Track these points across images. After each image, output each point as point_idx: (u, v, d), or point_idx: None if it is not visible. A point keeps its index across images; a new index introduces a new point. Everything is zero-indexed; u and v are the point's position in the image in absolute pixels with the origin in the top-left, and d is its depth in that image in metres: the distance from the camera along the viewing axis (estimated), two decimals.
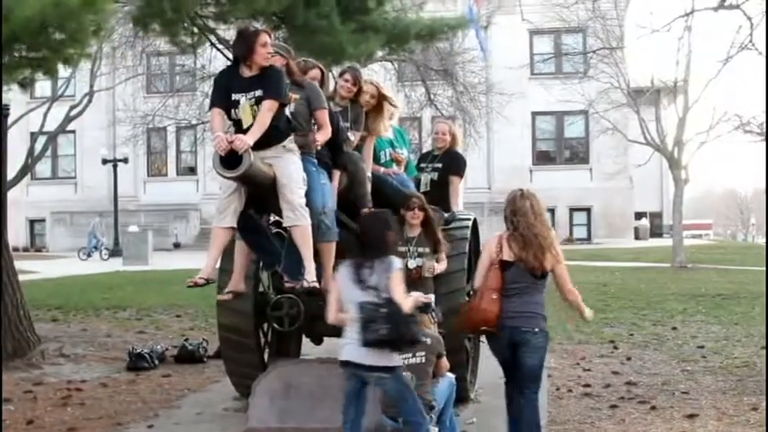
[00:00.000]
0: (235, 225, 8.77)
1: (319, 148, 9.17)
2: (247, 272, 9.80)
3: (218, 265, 9.11)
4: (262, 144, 8.29)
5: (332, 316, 7.93)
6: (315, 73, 10.04)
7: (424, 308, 8.94)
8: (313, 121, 9.27)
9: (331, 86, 10.41)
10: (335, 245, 9.29)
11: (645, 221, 60.14)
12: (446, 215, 11.05)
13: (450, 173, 11.77)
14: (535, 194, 8.46)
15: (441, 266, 10.18)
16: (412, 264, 10.02)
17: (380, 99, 10.59)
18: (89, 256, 46.85)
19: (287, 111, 8.87)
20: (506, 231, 8.34)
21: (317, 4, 16.00)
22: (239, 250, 9.43)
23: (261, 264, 10.19)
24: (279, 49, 9.19)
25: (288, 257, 9.23)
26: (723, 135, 36.86)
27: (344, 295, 7.77)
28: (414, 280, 9.85)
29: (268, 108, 8.36)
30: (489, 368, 11.96)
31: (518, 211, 8.28)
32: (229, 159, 8.04)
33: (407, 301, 7.65)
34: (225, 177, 8.30)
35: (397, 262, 7.82)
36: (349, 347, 7.58)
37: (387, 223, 8.09)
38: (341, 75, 10.51)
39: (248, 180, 8.43)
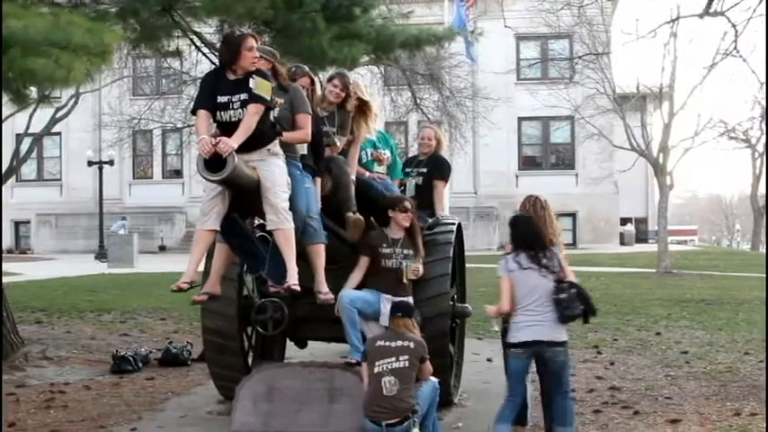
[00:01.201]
0: (218, 228, 8.76)
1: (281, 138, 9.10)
2: (224, 274, 9.81)
3: (201, 268, 9.09)
4: (246, 147, 8.28)
5: (507, 305, 8.64)
6: (304, 81, 10.06)
7: (407, 311, 8.97)
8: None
9: (316, 89, 10.38)
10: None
11: (630, 227, 60.26)
12: (429, 220, 11.06)
13: (435, 177, 11.79)
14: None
15: (420, 263, 10.23)
16: (398, 265, 10.08)
17: (362, 103, 10.62)
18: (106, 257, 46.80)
19: (272, 115, 8.87)
20: None
21: (300, 7, 15.95)
22: (218, 253, 9.42)
23: (245, 267, 10.20)
24: (264, 53, 9.19)
25: (272, 262, 9.23)
26: (708, 141, 37.02)
27: (522, 283, 8.61)
28: (398, 280, 9.94)
29: (254, 112, 8.36)
30: (473, 373, 12.02)
31: None
32: (214, 162, 8.03)
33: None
34: (209, 180, 8.29)
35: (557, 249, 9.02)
36: (534, 328, 8.55)
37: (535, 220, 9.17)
38: (329, 80, 10.53)
39: (232, 183, 8.42)
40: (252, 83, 8.44)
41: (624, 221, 59.27)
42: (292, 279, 8.83)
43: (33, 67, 11.13)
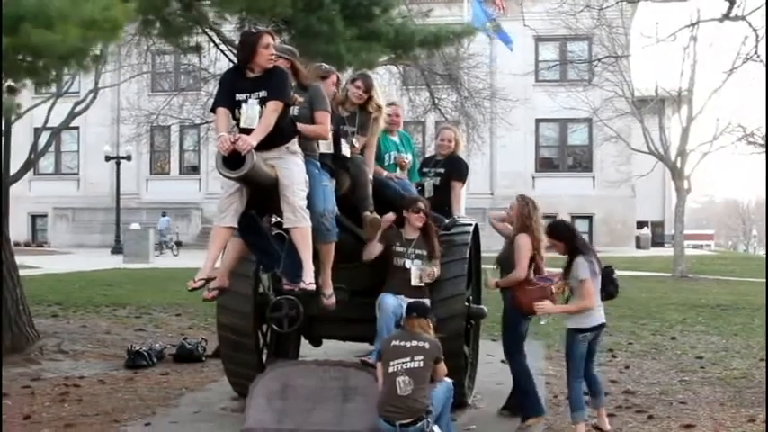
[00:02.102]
0: (235, 225, 8.77)
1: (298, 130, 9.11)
2: (241, 271, 9.83)
3: (217, 265, 9.10)
4: (265, 145, 8.28)
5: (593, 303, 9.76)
6: (332, 79, 10.08)
7: (422, 312, 8.98)
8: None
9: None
10: (334, 246, 9.34)
11: (646, 231, 60.12)
12: (446, 221, 11.05)
13: (453, 178, 11.75)
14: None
15: (436, 267, 10.28)
16: (409, 264, 10.16)
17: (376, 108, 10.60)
18: (161, 251, 47.32)
19: (291, 113, 8.87)
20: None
21: (320, 9, 15.96)
22: (231, 248, 9.42)
23: (260, 265, 10.22)
24: (282, 51, 9.18)
25: (287, 260, 9.23)
26: (726, 146, 36.86)
27: (596, 279, 9.85)
28: (409, 281, 9.98)
29: (273, 109, 8.36)
30: (487, 374, 12.00)
31: None
32: (232, 160, 8.03)
33: None
34: (227, 178, 8.29)
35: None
36: (600, 312, 9.87)
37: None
38: (352, 81, 10.51)
39: (250, 181, 8.43)
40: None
41: (641, 225, 59.12)
42: (308, 278, 8.83)
43: (43, 42, 11.19)
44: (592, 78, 41.62)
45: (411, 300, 9.59)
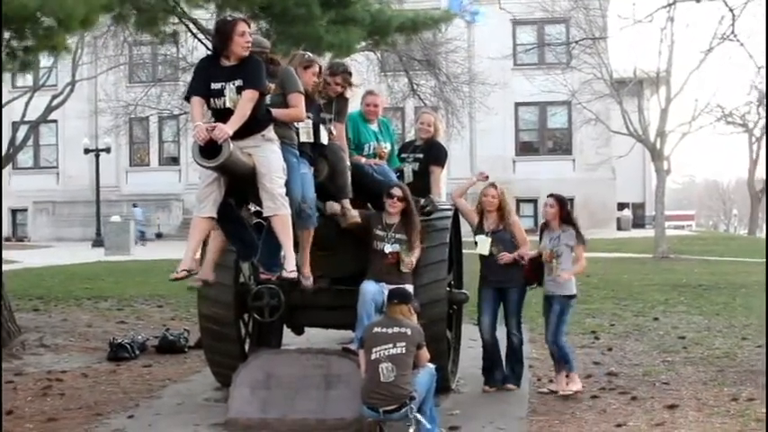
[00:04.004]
0: (214, 215, 8.75)
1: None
2: (220, 261, 9.82)
3: (197, 256, 9.07)
4: (241, 133, 8.26)
5: None
6: (316, 69, 10.00)
7: (403, 298, 8.97)
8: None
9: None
10: (314, 233, 9.36)
11: (627, 212, 60.21)
12: (422, 201, 11.03)
13: (432, 163, 11.74)
14: None
15: (415, 254, 10.30)
16: (388, 248, 10.24)
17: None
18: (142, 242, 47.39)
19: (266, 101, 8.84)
20: None
21: None
22: (213, 239, 9.42)
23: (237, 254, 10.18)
24: (255, 45, 9.03)
25: (264, 248, 9.23)
26: (705, 126, 36.95)
27: None
28: (389, 264, 10.01)
29: (249, 98, 8.34)
30: (470, 358, 12.01)
31: None
32: (209, 149, 8.00)
33: None
34: (204, 167, 8.27)
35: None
36: None
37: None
38: (331, 73, 10.45)
39: (228, 170, 8.40)
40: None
41: (621, 207, 59.21)
42: (290, 266, 8.83)
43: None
44: (570, 61, 41.56)
45: (392, 286, 9.59)
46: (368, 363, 8.63)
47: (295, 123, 9.33)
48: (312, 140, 9.56)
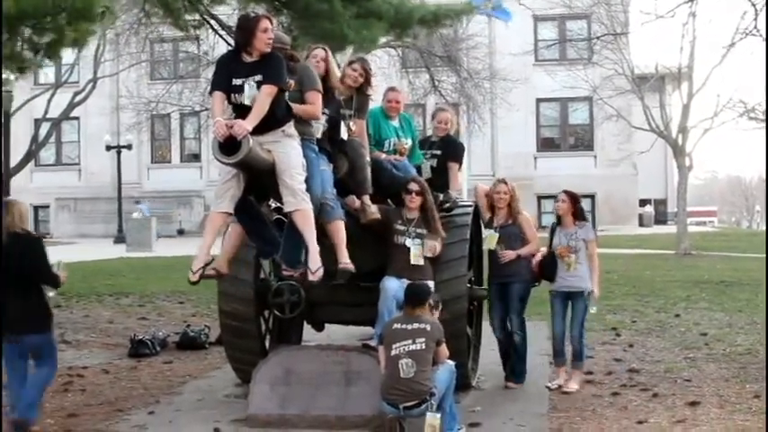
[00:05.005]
0: (231, 211, 8.75)
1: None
2: (241, 257, 9.81)
3: (212, 251, 9.04)
4: (261, 129, 8.26)
5: None
6: (318, 52, 9.95)
7: (419, 299, 8.94)
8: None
9: (335, 70, 10.28)
10: None
11: (649, 208, 60.00)
12: (441, 196, 11.03)
13: (450, 159, 11.76)
14: None
15: (438, 241, 10.34)
16: (409, 243, 10.20)
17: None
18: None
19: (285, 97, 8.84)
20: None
21: None
22: (230, 234, 9.41)
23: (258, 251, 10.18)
24: (275, 41, 9.01)
25: (286, 245, 9.21)
26: (727, 122, 36.73)
27: None
28: (409, 261, 10.01)
29: (267, 93, 8.34)
30: (490, 355, 11.99)
31: None
32: (228, 145, 8.01)
33: None
34: (224, 163, 8.27)
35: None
36: None
37: None
38: (349, 64, 10.51)
39: (247, 166, 8.40)
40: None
41: (643, 203, 59.00)
42: (314, 263, 8.79)
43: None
44: (591, 57, 41.48)
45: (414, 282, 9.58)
46: (387, 359, 8.62)
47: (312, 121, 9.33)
48: (319, 137, 9.51)
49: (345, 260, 9.26)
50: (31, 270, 9.00)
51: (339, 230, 9.33)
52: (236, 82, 8.52)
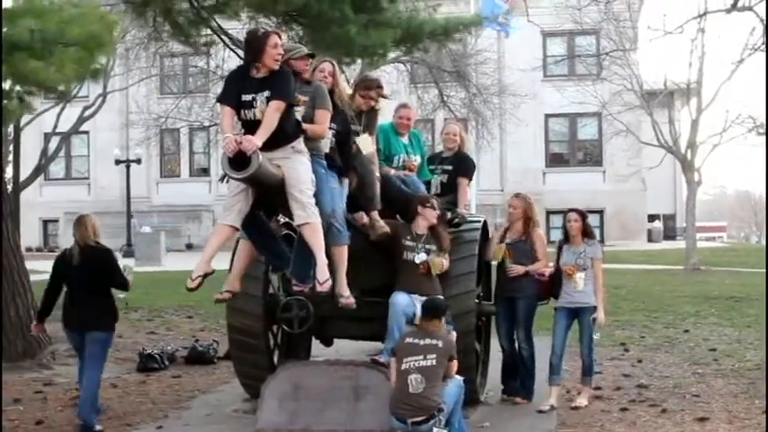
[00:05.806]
0: (237, 225, 8.76)
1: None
2: (250, 272, 9.83)
3: (212, 262, 8.99)
4: (270, 145, 8.28)
5: None
6: (325, 65, 9.95)
7: (437, 312, 8.96)
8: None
9: (342, 84, 10.27)
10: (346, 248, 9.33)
11: (658, 224, 59.87)
12: (449, 214, 11.04)
13: (460, 174, 11.76)
14: None
15: (446, 258, 10.34)
16: (419, 259, 10.19)
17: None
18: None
19: (297, 114, 8.85)
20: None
21: None
22: (240, 251, 9.44)
23: (269, 266, 10.19)
24: (287, 50, 9.03)
25: (296, 260, 9.22)
26: (736, 137, 36.70)
27: None
28: (420, 275, 9.99)
29: (275, 108, 8.36)
30: (499, 370, 11.99)
31: None
32: (238, 160, 8.03)
33: None
34: (233, 179, 8.30)
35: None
36: None
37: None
38: (365, 87, 10.45)
39: (257, 181, 8.42)
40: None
41: (652, 218, 58.90)
42: (322, 275, 8.79)
43: (28, 70, 11.31)
44: (600, 72, 41.44)
45: (424, 297, 9.58)
46: (398, 373, 8.65)
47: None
48: (327, 151, 9.52)
49: (346, 293, 9.33)
50: (107, 280, 10.34)
51: (342, 256, 9.34)
52: (246, 98, 8.54)
